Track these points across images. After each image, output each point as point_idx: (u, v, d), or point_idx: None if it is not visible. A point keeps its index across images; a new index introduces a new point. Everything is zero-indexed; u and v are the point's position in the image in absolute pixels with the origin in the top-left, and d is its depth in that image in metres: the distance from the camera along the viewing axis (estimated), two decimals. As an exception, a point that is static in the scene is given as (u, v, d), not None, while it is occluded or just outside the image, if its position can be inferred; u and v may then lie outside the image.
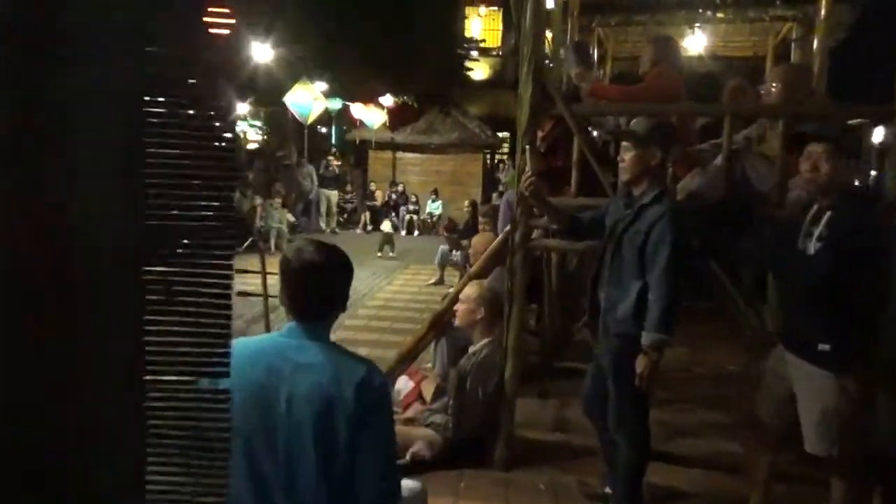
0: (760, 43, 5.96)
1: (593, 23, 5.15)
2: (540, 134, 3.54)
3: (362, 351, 5.79)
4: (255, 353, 1.62)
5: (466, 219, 9.15)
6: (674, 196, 3.00)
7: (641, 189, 2.75)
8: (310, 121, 10.42)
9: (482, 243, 4.68)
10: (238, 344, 1.52)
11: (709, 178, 3.25)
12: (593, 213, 3.04)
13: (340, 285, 1.77)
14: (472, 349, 3.40)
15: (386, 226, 11.37)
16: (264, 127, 20.75)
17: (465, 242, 7.61)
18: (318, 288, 1.71)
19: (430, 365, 5.06)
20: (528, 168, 3.08)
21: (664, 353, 2.60)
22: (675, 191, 3.16)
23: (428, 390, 3.83)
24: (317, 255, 1.71)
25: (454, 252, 8.32)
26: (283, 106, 11.50)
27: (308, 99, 10.03)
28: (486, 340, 3.34)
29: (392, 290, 8.40)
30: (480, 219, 6.14)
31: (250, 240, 10.00)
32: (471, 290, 3.37)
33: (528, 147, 3.13)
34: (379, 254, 10.79)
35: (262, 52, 8.47)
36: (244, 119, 21.57)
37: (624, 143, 2.80)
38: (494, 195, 9.88)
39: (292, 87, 10.05)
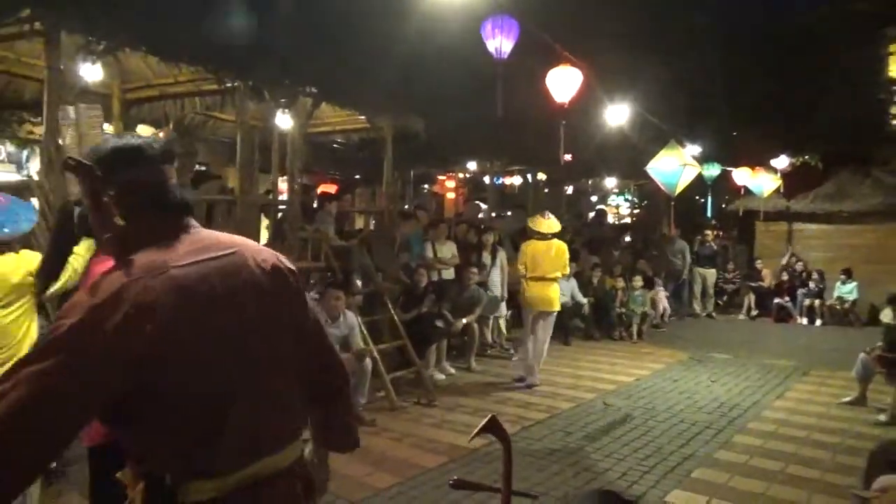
0: None
1: None
2: None
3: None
4: None
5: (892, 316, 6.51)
6: None
7: None
8: (678, 191, 9.03)
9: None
10: None
11: None
12: None
13: None
14: None
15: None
16: (635, 200, 19.88)
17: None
18: None
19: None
20: None
21: None
22: None
23: None
24: None
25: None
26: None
27: (675, 166, 8.68)
28: None
29: (785, 407, 6.28)
30: None
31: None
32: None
33: None
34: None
35: (623, 117, 7.58)
36: (617, 193, 21.14)
37: None
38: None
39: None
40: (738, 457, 4.86)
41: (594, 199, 20.78)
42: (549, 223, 7.06)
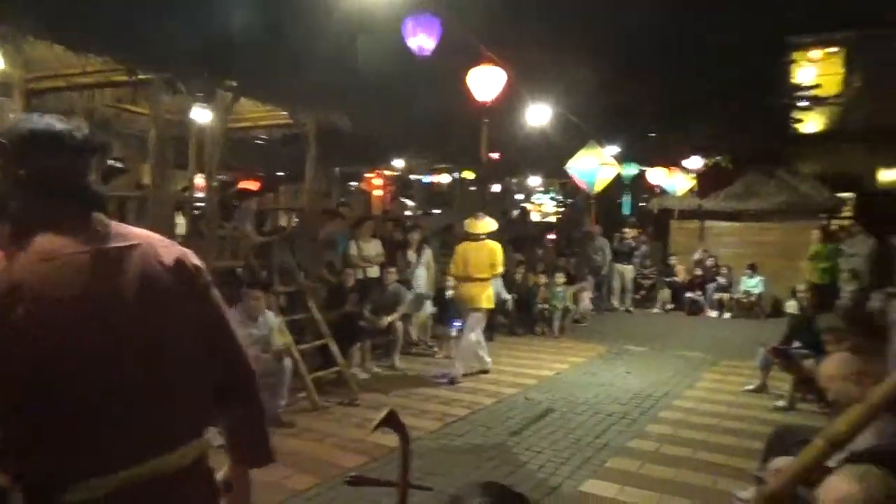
0: None
1: None
2: None
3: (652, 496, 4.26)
4: None
5: (797, 308, 6.94)
6: None
7: None
8: (596, 189, 9.34)
9: (838, 369, 2.94)
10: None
11: None
12: None
13: None
14: None
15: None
16: (559, 198, 20.39)
17: (808, 362, 5.52)
18: None
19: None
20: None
21: None
22: None
23: None
24: None
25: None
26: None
27: (594, 165, 8.98)
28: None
29: (695, 396, 6.61)
30: (826, 335, 4.16)
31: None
32: (846, 489, 1.80)
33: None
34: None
35: (545, 118, 7.75)
36: (543, 191, 21.60)
37: None
38: (845, 282, 7.38)
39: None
40: (650, 445, 5.08)
41: (520, 197, 21.14)
42: (483, 224, 7.27)
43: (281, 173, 11.92)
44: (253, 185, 8.93)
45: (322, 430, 5.27)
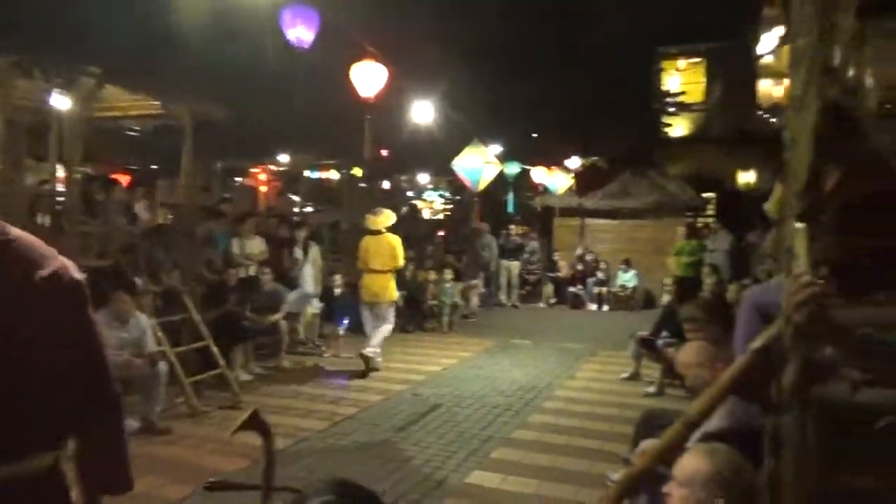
0: None
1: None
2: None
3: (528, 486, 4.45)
4: None
5: (668, 300, 7.43)
6: None
7: None
8: (480, 187, 9.58)
9: (693, 356, 3.15)
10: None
11: None
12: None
13: None
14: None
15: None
16: (448, 196, 20.63)
17: (670, 350, 5.89)
18: None
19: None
20: (800, 261, 1.57)
21: None
22: None
23: None
24: None
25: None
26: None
27: (478, 163, 9.21)
28: (723, 558, 1.88)
29: (575, 386, 6.92)
30: (686, 324, 4.44)
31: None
32: (696, 466, 1.94)
33: (804, 217, 1.66)
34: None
35: (430, 116, 7.83)
36: (432, 188, 21.76)
37: None
38: (706, 276, 7.97)
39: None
40: (532, 435, 5.25)
41: (411, 194, 21.17)
42: (382, 218, 7.54)
43: (154, 167, 11.23)
44: (125, 179, 8.36)
45: (201, 436, 5.04)
